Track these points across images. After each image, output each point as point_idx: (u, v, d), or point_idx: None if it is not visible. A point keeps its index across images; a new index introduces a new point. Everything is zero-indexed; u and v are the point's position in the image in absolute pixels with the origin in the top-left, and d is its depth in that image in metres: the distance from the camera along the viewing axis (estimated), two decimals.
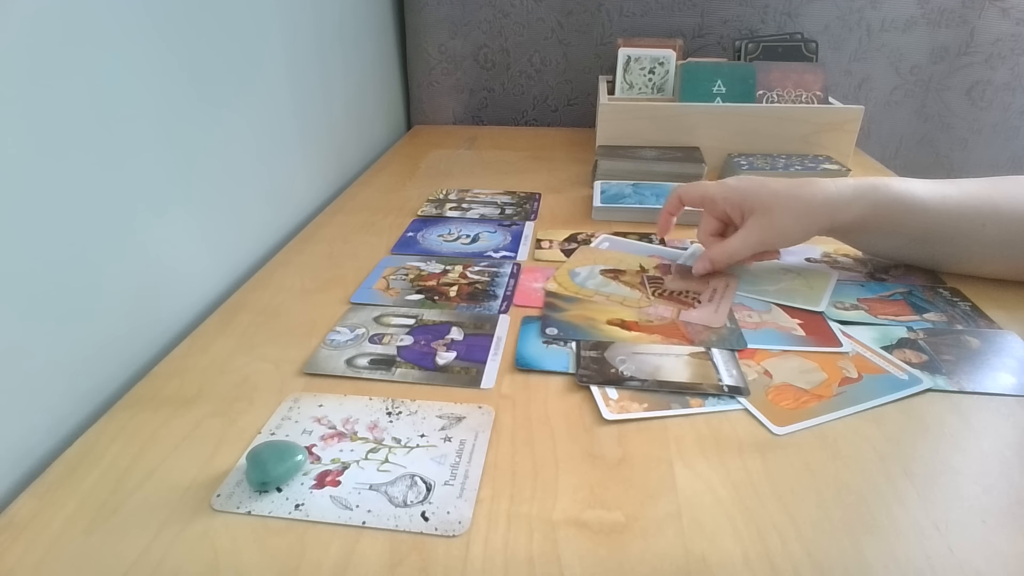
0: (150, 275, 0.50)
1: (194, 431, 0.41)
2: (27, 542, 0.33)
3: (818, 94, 0.89)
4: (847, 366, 0.46)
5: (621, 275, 0.59)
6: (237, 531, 0.33)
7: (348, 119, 0.90)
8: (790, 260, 0.62)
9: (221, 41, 0.58)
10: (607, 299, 0.55)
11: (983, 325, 0.51)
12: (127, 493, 0.36)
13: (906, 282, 0.58)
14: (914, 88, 1.08)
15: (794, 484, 0.36)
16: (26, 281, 0.39)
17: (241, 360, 0.48)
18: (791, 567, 0.31)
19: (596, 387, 0.44)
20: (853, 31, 1.05)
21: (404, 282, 0.59)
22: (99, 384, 0.46)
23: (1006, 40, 1.02)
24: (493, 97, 1.16)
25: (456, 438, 0.40)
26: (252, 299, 0.57)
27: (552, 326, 0.51)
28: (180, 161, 0.53)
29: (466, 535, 0.33)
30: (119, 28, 0.45)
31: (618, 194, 0.76)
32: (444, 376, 0.46)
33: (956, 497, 0.35)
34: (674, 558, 0.32)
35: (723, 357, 0.47)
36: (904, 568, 0.31)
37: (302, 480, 0.37)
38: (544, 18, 1.08)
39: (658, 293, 0.56)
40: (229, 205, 0.61)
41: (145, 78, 0.48)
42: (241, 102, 0.62)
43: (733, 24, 1.05)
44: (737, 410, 0.42)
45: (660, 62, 0.96)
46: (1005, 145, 1.08)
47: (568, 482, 0.36)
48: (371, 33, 0.99)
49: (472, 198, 0.80)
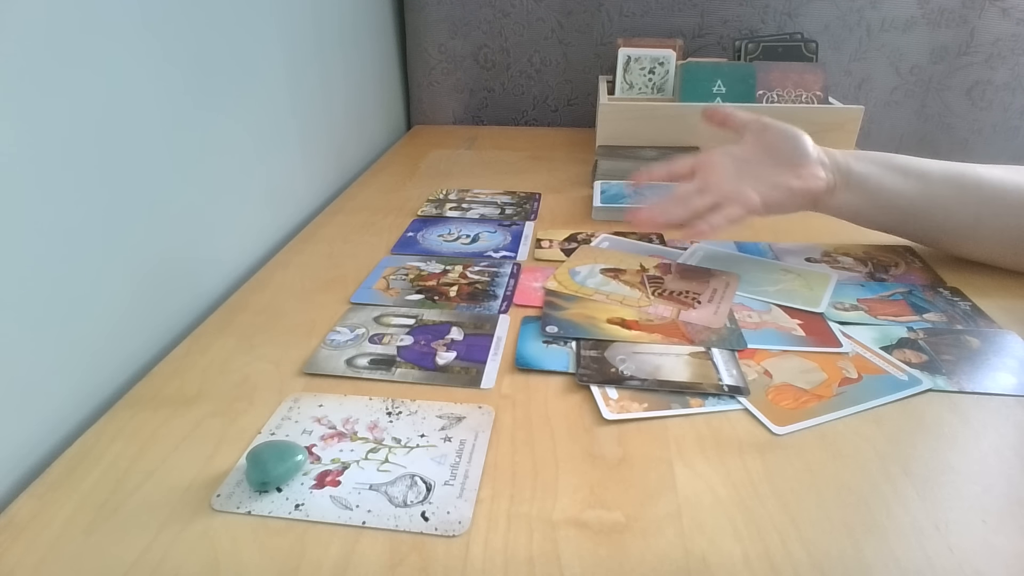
0: (150, 275, 0.50)
1: (194, 431, 0.41)
2: (27, 542, 0.33)
3: (818, 94, 0.89)
4: (847, 366, 0.46)
5: (621, 274, 0.59)
6: (237, 531, 0.33)
7: (348, 119, 0.90)
8: (790, 261, 0.62)
9: (220, 41, 0.58)
10: (607, 298, 0.55)
11: (983, 325, 0.51)
12: (127, 493, 0.36)
13: (906, 282, 0.58)
14: (914, 88, 1.08)
15: (794, 484, 0.36)
16: (26, 281, 0.39)
17: (241, 360, 0.48)
18: (791, 567, 0.31)
19: (596, 387, 0.44)
20: (853, 31, 1.05)
21: (404, 282, 0.59)
22: (99, 384, 0.46)
23: (1006, 40, 1.02)
24: (493, 97, 1.16)
25: (456, 438, 0.40)
26: (252, 299, 0.57)
27: (552, 324, 0.51)
28: (180, 161, 0.53)
29: (466, 535, 0.33)
30: (118, 28, 0.45)
31: (618, 194, 0.76)
32: (444, 376, 0.46)
33: (956, 497, 0.35)
34: (674, 558, 0.32)
35: (723, 357, 0.47)
36: (904, 568, 0.31)
37: (302, 480, 0.37)
38: (544, 18, 1.08)
39: (658, 293, 0.56)
40: (229, 205, 0.61)
41: (144, 77, 0.48)
42: (241, 102, 0.62)
43: (733, 24, 1.05)
44: (737, 410, 0.42)
45: (660, 62, 0.96)
46: (1005, 145, 1.08)
47: (568, 482, 0.36)
48: (371, 33, 0.99)
49: (472, 198, 0.80)
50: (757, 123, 0.59)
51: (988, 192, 0.56)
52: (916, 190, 0.57)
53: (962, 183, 0.56)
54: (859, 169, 0.57)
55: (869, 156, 0.58)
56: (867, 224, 0.61)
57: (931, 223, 0.58)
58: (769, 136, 0.58)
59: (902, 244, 0.65)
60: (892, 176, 0.57)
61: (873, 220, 0.60)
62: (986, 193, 0.56)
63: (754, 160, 0.57)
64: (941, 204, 0.57)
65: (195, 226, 0.55)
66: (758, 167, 0.57)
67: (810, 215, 0.69)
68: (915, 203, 0.57)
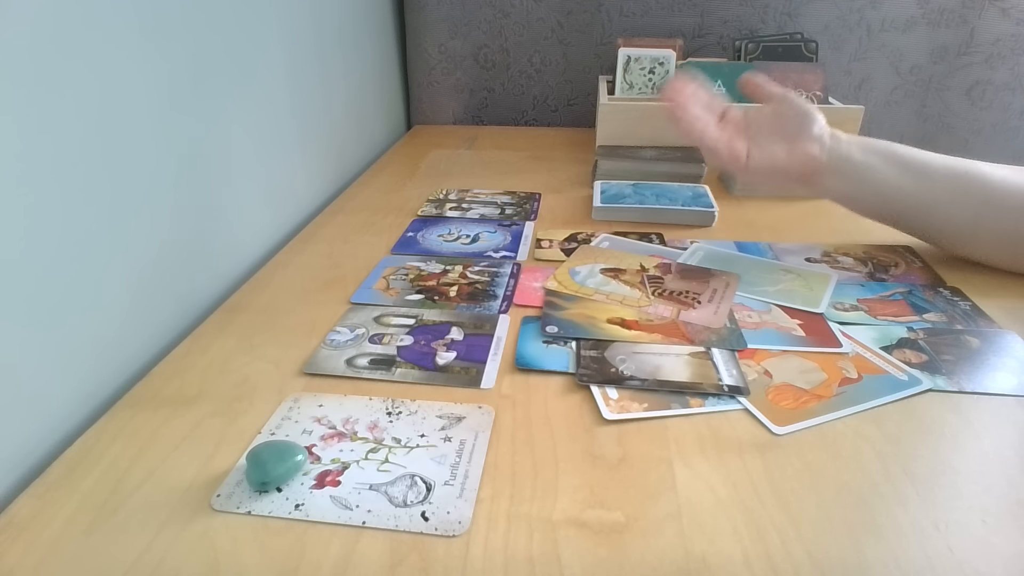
0: (150, 275, 0.50)
1: (194, 431, 0.41)
2: (27, 542, 0.33)
3: (818, 94, 0.89)
4: (847, 366, 0.46)
5: (621, 274, 0.59)
6: (237, 531, 0.33)
7: (348, 119, 0.90)
8: (790, 261, 0.62)
9: (220, 41, 0.58)
10: (607, 298, 0.55)
11: (983, 325, 0.51)
12: (127, 493, 0.36)
13: (906, 282, 0.58)
14: (914, 88, 1.08)
15: (794, 484, 0.36)
16: (26, 281, 0.39)
17: (241, 360, 0.48)
18: (791, 567, 0.31)
19: (596, 387, 0.44)
20: (853, 31, 1.05)
21: (404, 282, 0.59)
22: (99, 384, 0.46)
23: (1006, 40, 1.02)
24: (493, 97, 1.16)
25: (456, 438, 0.40)
26: (252, 299, 0.57)
27: (552, 324, 0.51)
28: (179, 161, 0.53)
29: (466, 535, 0.33)
30: (118, 27, 0.45)
31: (618, 194, 0.76)
32: (444, 376, 0.46)
33: (956, 497, 0.35)
34: (674, 558, 0.32)
35: (723, 357, 0.47)
36: (904, 568, 0.31)
37: (302, 480, 0.37)
38: (544, 18, 1.08)
39: (658, 293, 0.56)
40: (229, 205, 0.61)
41: (144, 77, 0.48)
42: (241, 102, 0.62)
43: (733, 24, 1.05)
44: (737, 410, 0.42)
45: (660, 62, 0.96)
46: (1005, 145, 1.08)
47: (568, 482, 0.36)
48: (371, 33, 0.99)
49: (472, 198, 0.80)
50: (780, 95, 0.60)
51: (990, 193, 0.55)
52: (915, 187, 0.57)
53: (965, 183, 0.56)
54: (858, 158, 0.57)
55: (875, 145, 0.58)
56: (861, 212, 0.61)
57: (928, 221, 0.58)
58: (783, 108, 0.59)
59: (902, 244, 0.65)
60: (892, 170, 0.57)
61: (867, 210, 0.60)
62: (988, 194, 0.55)
63: (763, 125, 0.59)
64: (940, 204, 0.57)
65: (195, 226, 0.55)
66: (760, 131, 0.59)
67: (810, 214, 0.69)
68: (913, 199, 0.57)
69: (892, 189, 0.57)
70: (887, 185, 0.57)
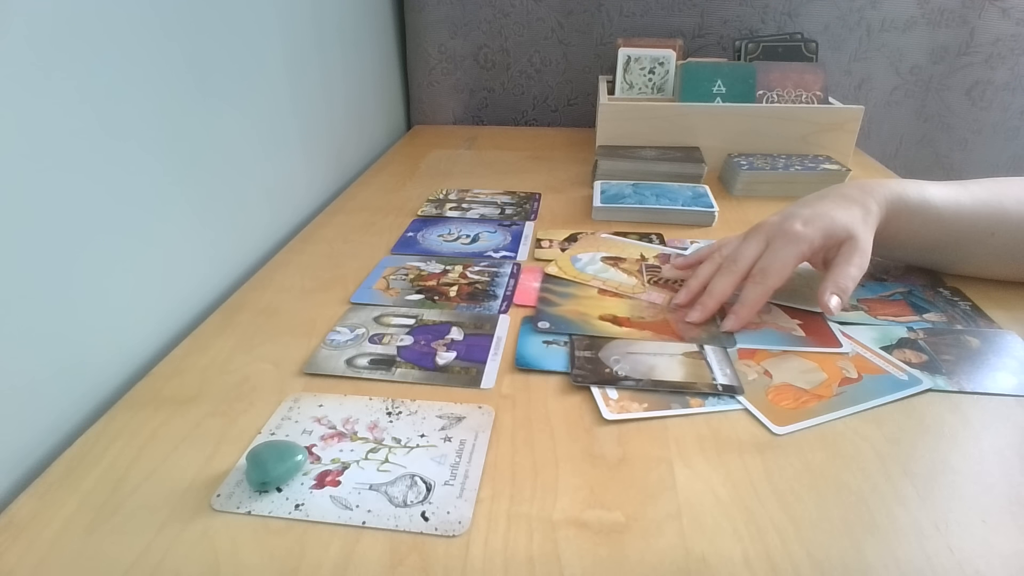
0: (150, 275, 0.50)
1: (194, 431, 0.41)
2: (27, 542, 0.33)
3: (818, 94, 0.89)
4: (847, 366, 0.46)
5: (621, 262, 0.61)
6: (237, 531, 0.33)
7: (348, 119, 0.90)
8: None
9: (221, 41, 0.58)
10: (604, 284, 0.56)
11: (983, 325, 0.51)
12: (127, 493, 0.36)
13: (906, 282, 0.58)
14: (914, 88, 1.08)
15: (794, 484, 0.36)
16: (26, 280, 0.39)
17: (241, 360, 0.48)
18: (791, 567, 0.31)
19: (596, 387, 0.44)
20: (853, 31, 1.05)
21: (404, 282, 0.59)
22: (99, 384, 0.46)
23: (1006, 40, 1.02)
24: (493, 97, 1.16)
25: (456, 438, 0.40)
26: (252, 299, 0.57)
27: (544, 320, 0.51)
28: (180, 161, 0.53)
29: (466, 535, 0.33)
30: (119, 27, 0.45)
31: (618, 194, 0.76)
32: (444, 376, 0.46)
33: (956, 497, 0.35)
34: (674, 558, 0.32)
35: (717, 356, 0.47)
36: (904, 568, 0.31)
37: (302, 480, 0.37)
38: (544, 18, 1.08)
39: (653, 281, 0.57)
40: (229, 205, 0.61)
41: (145, 78, 0.48)
42: (241, 102, 0.62)
43: (733, 24, 1.05)
44: (737, 410, 0.42)
45: (660, 62, 0.96)
46: (1005, 145, 1.08)
47: (568, 482, 0.36)
48: (371, 33, 0.99)
49: (472, 198, 0.80)
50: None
51: (1008, 233, 0.53)
52: (934, 237, 0.54)
53: (988, 224, 0.53)
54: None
55: (900, 205, 0.53)
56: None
57: (932, 257, 0.58)
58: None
59: None
60: (897, 248, 0.56)
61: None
62: (1007, 235, 0.53)
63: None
64: (953, 247, 0.55)
65: (195, 226, 0.55)
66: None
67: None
68: (923, 259, 0.56)
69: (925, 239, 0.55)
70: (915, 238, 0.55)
